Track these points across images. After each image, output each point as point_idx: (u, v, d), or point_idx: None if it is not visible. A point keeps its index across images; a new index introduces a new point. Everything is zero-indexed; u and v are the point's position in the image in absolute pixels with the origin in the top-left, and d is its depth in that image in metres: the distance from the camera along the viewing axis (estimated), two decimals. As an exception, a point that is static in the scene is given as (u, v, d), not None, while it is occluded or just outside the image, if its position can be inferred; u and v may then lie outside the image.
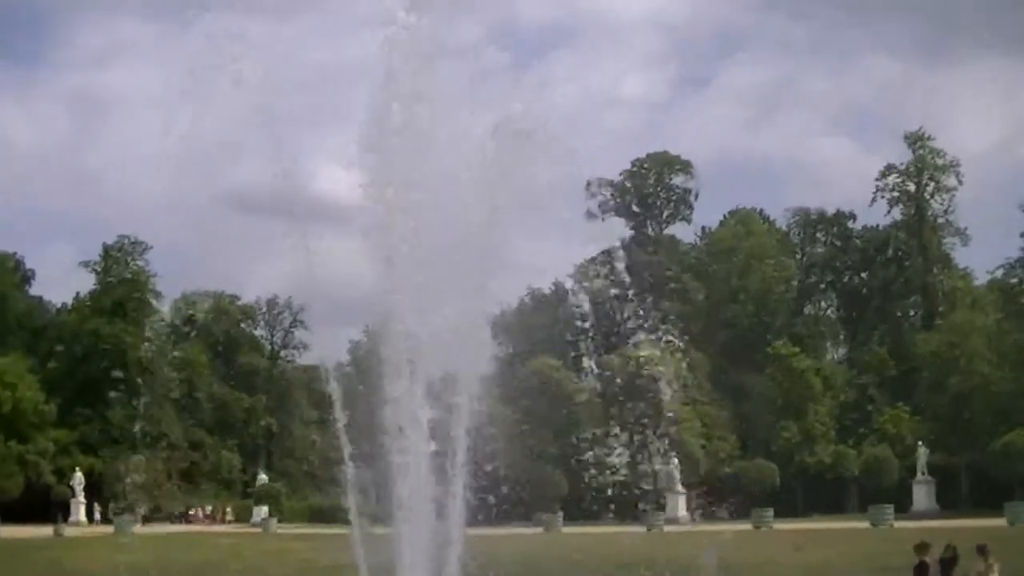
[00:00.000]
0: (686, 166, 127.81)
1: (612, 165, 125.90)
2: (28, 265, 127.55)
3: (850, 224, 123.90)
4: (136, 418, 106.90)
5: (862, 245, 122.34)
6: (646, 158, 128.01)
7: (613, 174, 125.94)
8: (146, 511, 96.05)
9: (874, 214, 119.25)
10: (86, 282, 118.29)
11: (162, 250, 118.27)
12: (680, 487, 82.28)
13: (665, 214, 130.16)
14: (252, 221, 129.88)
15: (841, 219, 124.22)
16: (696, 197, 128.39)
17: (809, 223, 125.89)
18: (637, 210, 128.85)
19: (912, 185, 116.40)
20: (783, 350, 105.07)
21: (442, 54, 25.67)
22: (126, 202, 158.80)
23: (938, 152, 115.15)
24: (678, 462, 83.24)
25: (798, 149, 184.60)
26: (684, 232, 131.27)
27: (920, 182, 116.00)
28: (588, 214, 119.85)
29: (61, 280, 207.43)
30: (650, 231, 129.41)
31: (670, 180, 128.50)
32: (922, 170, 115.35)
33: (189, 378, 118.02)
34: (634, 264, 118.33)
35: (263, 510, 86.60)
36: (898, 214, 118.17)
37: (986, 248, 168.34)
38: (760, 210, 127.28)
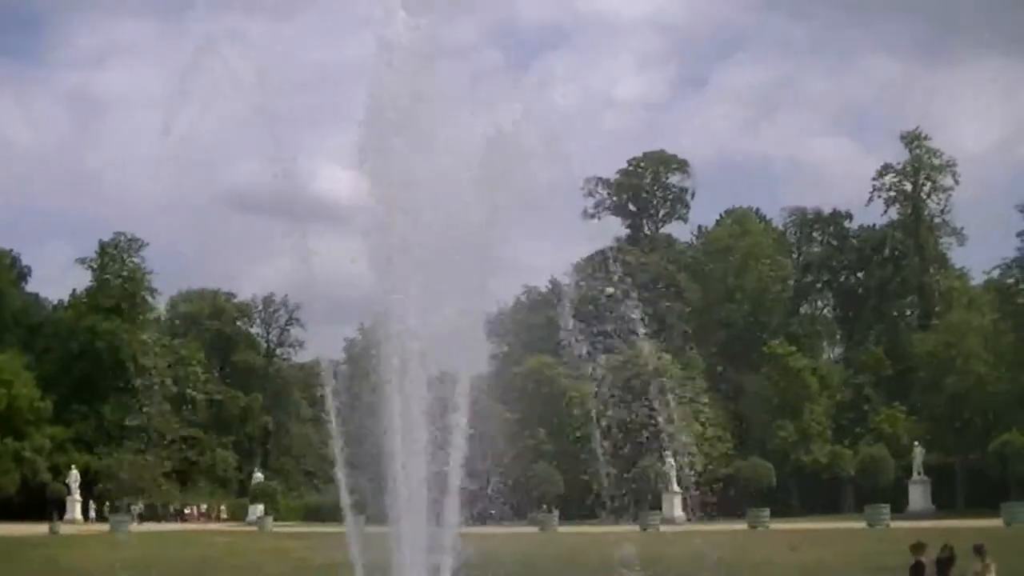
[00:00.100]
0: (683, 165, 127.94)
1: (611, 165, 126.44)
2: (24, 262, 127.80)
3: (846, 224, 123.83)
4: (132, 416, 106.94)
5: (858, 245, 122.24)
6: (642, 157, 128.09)
7: (610, 173, 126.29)
8: (142, 509, 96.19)
9: (871, 214, 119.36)
10: (82, 279, 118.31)
11: (159, 248, 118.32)
12: (676, 487, 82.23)
13: (661, 213, 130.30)
14: (249, 220, 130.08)
15: (837, 219, 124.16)
16: (692, 196, 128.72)
17: (805, 222, 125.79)
18: (633, 209, 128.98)
19: (909, 185, 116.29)
20: (779, 349, 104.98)
21: (441, 54, 25.71)
22: (123, 201, 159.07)
23: (935, 152, 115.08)
24: (674, 462, 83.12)
25: (796, 149, 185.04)
26: (680, 231, 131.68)
27: (917, 182, 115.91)
28: (584, 213, 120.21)
29: (57, 277, 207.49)
30: (646, 230, 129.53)
31: (666, 179, 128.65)
32: (919, 170, 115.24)
33: (185, 376, 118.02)
34: (630, 263, 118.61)
35: (259, 508, 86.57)
36: (895, 214, 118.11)
37: (983, 248, 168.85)
38: (756, 209, 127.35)
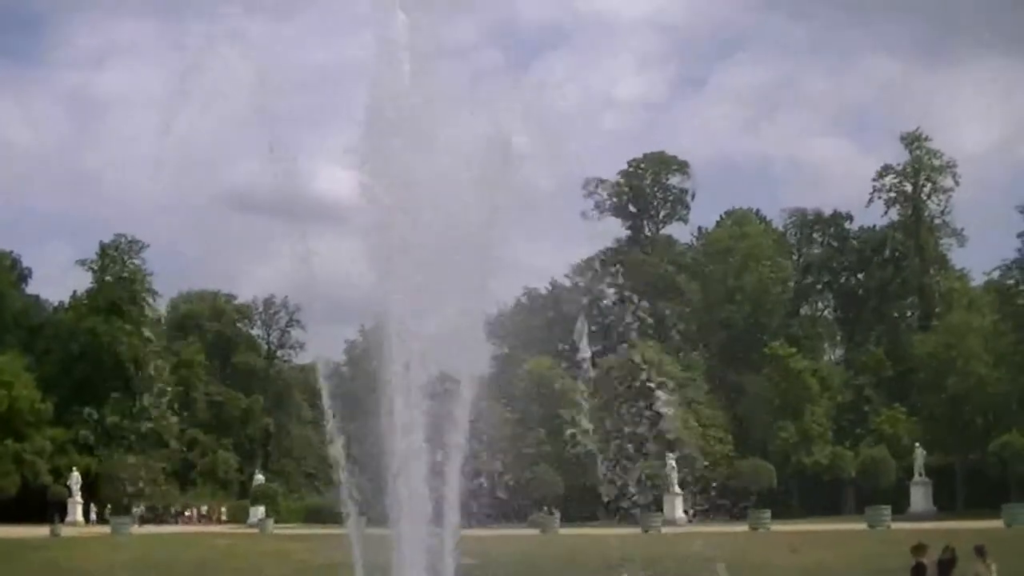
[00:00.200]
0: (683, 166, 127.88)
1: (610, 166, 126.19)
2: (25, 264, 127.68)
3: (847, 225, 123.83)
4: (132, 417, 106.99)
5: (859, 246, 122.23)
6: (643, 158, 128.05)
7: (611, 174, 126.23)
8: (143, 511, 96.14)
9: (871, 215, 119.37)
10: (83, 281, 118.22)
11: (159, 249, 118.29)
12: (677, 488, 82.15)
13: (662, 214, 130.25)
14: (249, 221, 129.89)
15: (838, 220, 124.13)
16: (693, 197, 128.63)
17: (806, 223, 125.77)
18: (633, 210, 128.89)
19: (909, 186, 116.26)
20: (780, 351, 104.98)
21: (441, 54, 25.64)
22: (123, 202, 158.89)
23: (935, 153, 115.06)
24: (675, 463, 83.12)
25: (796, 150, 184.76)
26: (680, 232, 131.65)
27: (917, 183, 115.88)
28: (584, 214, 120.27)
29: (58, 279, 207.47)
30: (647, 231, 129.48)
31: (667, 180, 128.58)
32: (919, 171, 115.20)
33: (186, 377, 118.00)
34: (630, 264, 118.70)
35: (259, 510, 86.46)
36: (895, 215, 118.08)
37: (983, 249, 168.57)
38: (756, 210, 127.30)
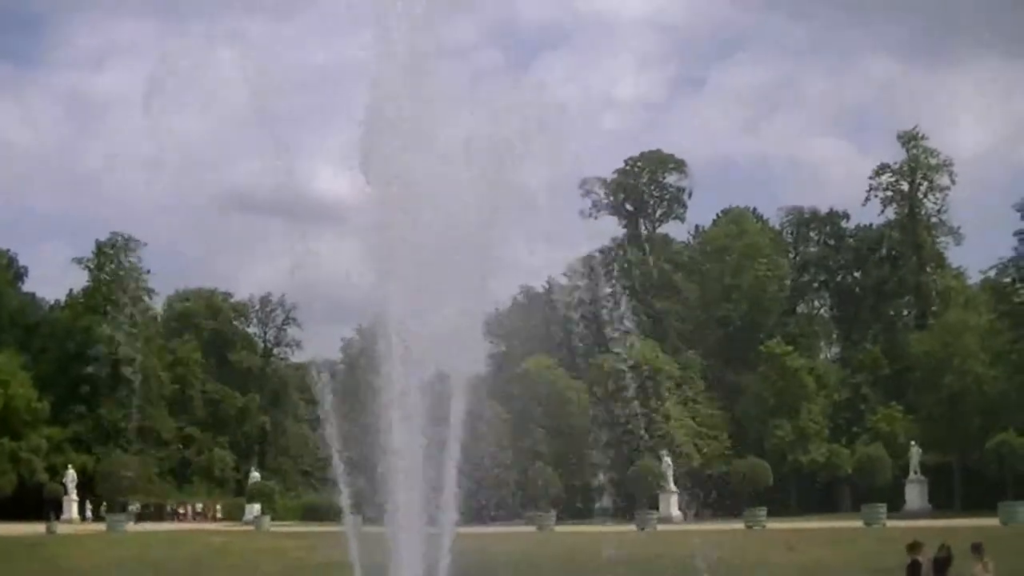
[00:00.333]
0: (680, 165, 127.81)
1: (609, 165, 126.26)
2: (21, 262, 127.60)
3: (843, 223, 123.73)
4: (129, 416, 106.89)
5: (855, 244, 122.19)
6: (639, 157, 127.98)
7: (608, 173, 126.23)
8: (139, 508, 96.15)
9: (867, 213, 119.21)
10: (79, 279, 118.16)
11: (156, 248, 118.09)
12: (673, 486, 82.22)
13: (658, 213, 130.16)
14: (246, 220, 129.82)
15: (834, 218, 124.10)
16: (690, 196, 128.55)
17: (802, 222, 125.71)
18: (630, 209, 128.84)
19: (905, 184, 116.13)
20: (776, 349, 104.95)
21: (441, 54, 25.67)
22: (120, 201, 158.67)
23: (931, 152, 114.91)
24: (671, 461, 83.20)
25: (793, 149, 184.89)
26: (677, 231, 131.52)
27: (913, 181, 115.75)
28: (582, 213, 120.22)
29: (54, 277, 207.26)
30: (643, 230, 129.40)
31: (663, 179, 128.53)
32: (915, 169, 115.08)
33: (182, 375, 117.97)
34: (627, 263, 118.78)
35: (255, 508, 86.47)
36: (891, 213, 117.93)
37: (980, 248, 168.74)
38: (753, 209, 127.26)
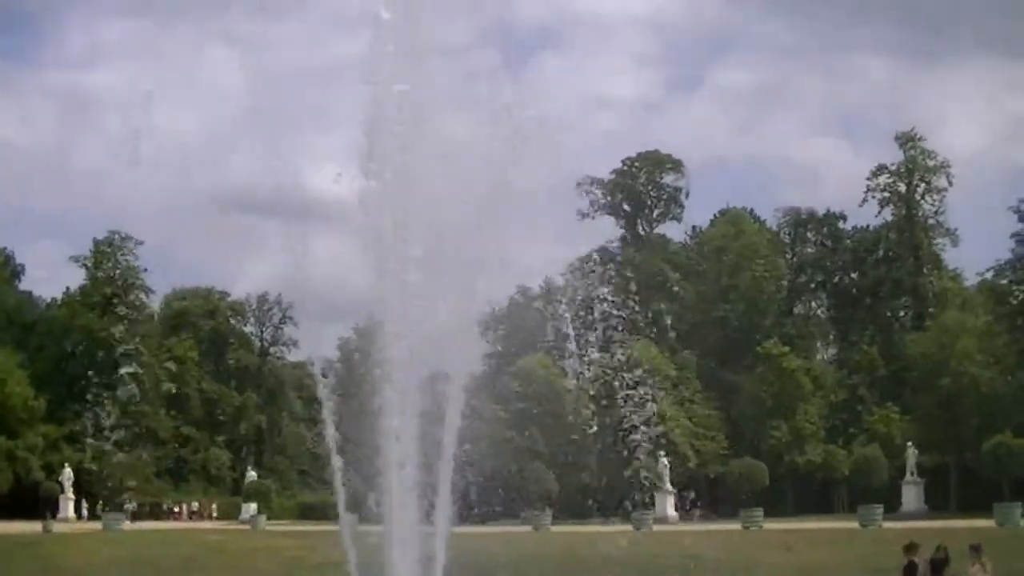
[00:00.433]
0: (677, 165, 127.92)
1: (604, 165, 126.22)
2: (18, 260, 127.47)
3: (840, 224, 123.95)
4: (125, 414, 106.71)
5: (852, 245, 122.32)
6: (637, 157, 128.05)
7: (605, 173, 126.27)
8: (135, 507, 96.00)
9: (865, 214, 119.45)
10: (76, 277, 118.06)
11: (153, 246, 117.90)
12: (669, 486, 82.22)
13: (655, 213, 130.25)
14: (243, 219, 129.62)
15: (831, 219, 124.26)
16: (687, 196, 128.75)
17: (800, 223, 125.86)
18: (627, 209, 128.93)
19: (903, 186, 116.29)
20: (773, 350, 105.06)
21: (436, 54, 25.61)
22: (117, 200, 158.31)
23: (929, 153, 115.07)
24: (667, 461, 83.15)
25: (791, 150, 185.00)
26: (675, 231, 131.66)
27: (911, 183, 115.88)
28: (579, 213, 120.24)
29: (51, 275, 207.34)
30: (640, 230, 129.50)
31: (661, 179, 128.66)
32: (913, 171, 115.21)
33: (179, 374, 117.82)
34: (624, 263, 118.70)
35: (252, 507, 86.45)
36: (888, 214, 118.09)
37: (977, 250, 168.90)
38: (751, 210, 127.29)
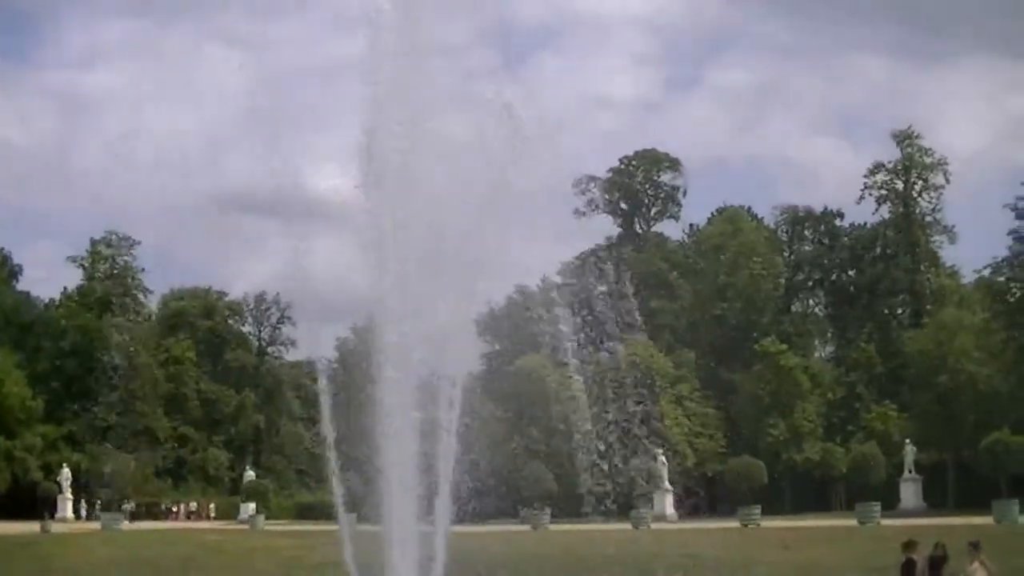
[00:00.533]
0: (674, 163, 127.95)
1: (602, 165, 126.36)
2: (16, 260, 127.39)
3: (838, 222, 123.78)
4: (123, 414, 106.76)
5: (850, 243, 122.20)
6: (634, 155, 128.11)
7: (602, 172, 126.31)
8: (133, 507, 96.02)
9: (862, 212, 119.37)
10: (73, 277, 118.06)
11: (150, 246, 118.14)
12: (667, 484, 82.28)
13: (653, 211, 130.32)
14: (242, 220, 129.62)
15: (829, 217, 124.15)
16: (684, 194, 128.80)
17: (797, 221, 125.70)
18: (625, 207, 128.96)
19: (900, 183, 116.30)
20: (771, 347, 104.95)
21: (435, 53, 25.63)
22: (115, 200, 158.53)
23: (926, 150, 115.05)
24: (665, 459, 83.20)
25: (788, 148, 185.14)
26: (672, 229, 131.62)
27: (908, 180, 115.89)
28: (576, 212, 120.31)
29: (50, 276, 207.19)
30: (638, 228, 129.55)
31: (658, 177, 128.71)
32: (910, 168, 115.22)
33: (176, 374, 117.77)
34: (622, 261, 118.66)
35: (250, 507, 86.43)
36: (886, 212, 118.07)
37: (974, 247, 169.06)
38: (748, 208, 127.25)
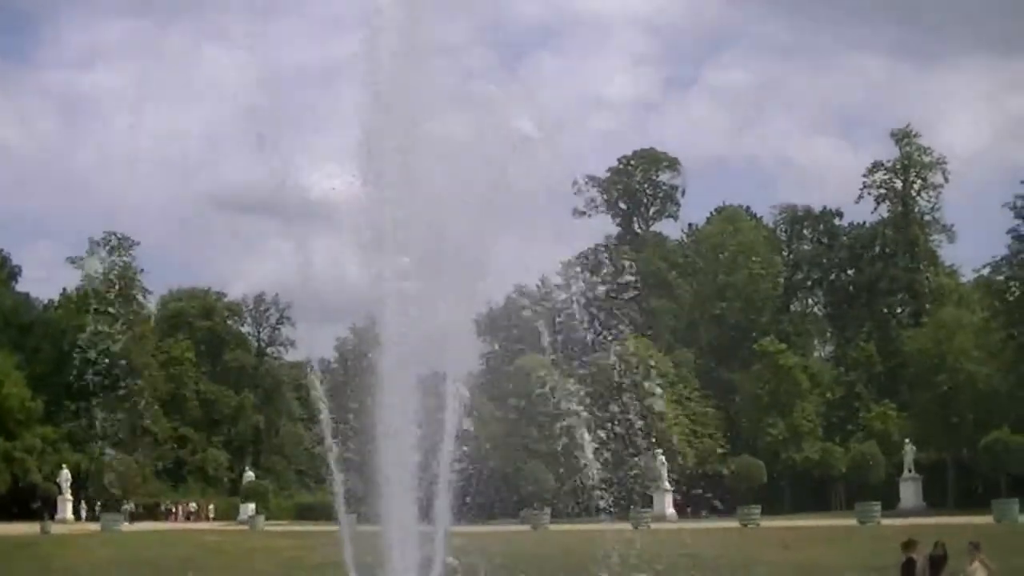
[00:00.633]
0: (673, 163, 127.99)
1: (601, 164, 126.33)
2: (15, 261, 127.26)
3: (837, 221, 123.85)
4: (123, 415, 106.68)
5: (849, 242, 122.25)
6: (633, 155, 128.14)
7: (601, 172, 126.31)
8: (132, 508, 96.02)
9: (861, 211, 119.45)
10: (72, 278, 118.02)
11: (149, 247, 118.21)
12: (667, 484, 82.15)
13: (652, 211, 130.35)
14: (241, 220, 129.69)
15: (828, 216, 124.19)
16: (683, 194, 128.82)
17: (796, 220, 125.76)
18: (624, 207, 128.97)
19: (899, 182, 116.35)
20: (770, 347, 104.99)
21: (433, 53, 25.60)
22: (114, 201, 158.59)
23: (925, 149, 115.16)
24: (665, 459, 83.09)
25: (787, 147, 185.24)
26: (671, 229, 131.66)
27: (907, 179, 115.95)
28: (575, 211, 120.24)
29: (49, 276, 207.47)
30: (637, 228, 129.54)
31: (657, 177, 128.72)
32: (909, 167, 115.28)
33: (176, 375, 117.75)
34: (621, 260, 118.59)
35: (250, 507, 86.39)
36: (885, 211, 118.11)
37: (973, 246, 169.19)
38: (747, 207, 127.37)
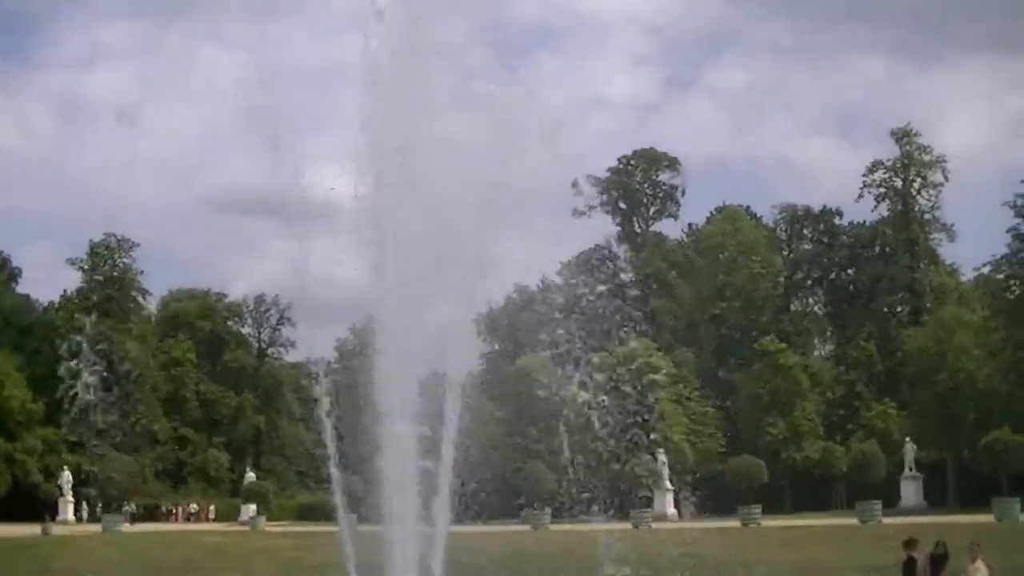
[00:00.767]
0: (673, 163, 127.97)
1: (600, 165, 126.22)
2: (15, 263, 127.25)
3: (837, 220, 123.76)
4: (123, 416, 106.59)
5: (849, 241, 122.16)
6: (633, 155, 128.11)
7: (601, 172, 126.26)
8: (134, 509, 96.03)
9: (861, 210, 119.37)
10: (73, 280, 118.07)
11: (149, 248, 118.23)
12: (668, 484, 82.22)
13: (652, 211, 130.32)
14: (242, 220, 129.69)
15: (828, 215, 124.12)
16: (683, 194, 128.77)
17: (796, 219, 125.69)
18: (624, 207, 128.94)
19: (899, 181, 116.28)
20: (770, 346, 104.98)
21: (432, 54, 25.63)
22: (114, 201, 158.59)
23: (924, 148, 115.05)
24: (665, 459, 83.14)
25: (787, 147, 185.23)
26: (671, 229, 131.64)
27: (907, 178, 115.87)
28: (575, 211, 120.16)
29: (49, 277, 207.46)
30: (637, 228, 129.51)
31: (657, 177, 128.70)
32: (909, 166, 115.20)
33: (176, 376, 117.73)
34: (621, 261, 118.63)
35: (251, 508, 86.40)
36: (885, 210, 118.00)
37: (973, 244, 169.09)
38: (747, 207, 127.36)
